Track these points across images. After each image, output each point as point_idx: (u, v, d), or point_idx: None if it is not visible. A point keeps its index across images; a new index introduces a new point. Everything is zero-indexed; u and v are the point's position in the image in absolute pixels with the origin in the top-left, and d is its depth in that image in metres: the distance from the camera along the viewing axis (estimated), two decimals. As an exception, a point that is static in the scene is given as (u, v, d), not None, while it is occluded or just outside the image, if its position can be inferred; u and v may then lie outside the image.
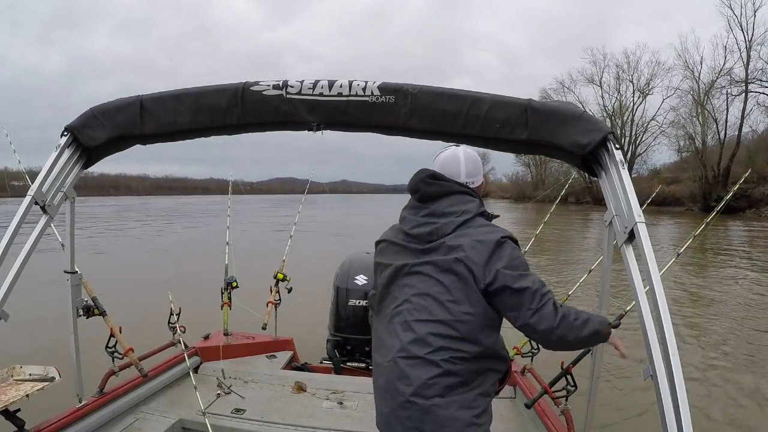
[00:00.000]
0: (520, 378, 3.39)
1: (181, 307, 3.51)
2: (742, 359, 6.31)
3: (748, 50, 38.62)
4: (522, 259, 1.69)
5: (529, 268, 1.66)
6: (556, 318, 1.57)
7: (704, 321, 8.21)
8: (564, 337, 1.60)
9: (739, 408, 4.92)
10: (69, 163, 2.39)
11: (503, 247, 1.66)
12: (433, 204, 1.79)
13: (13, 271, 2.14)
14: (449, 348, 1.60)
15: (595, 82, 53.23)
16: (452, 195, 1.79)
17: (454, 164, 1.89)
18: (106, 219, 28.15)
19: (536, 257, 13.68)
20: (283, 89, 2.23)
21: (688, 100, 44.45)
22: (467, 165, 1.89)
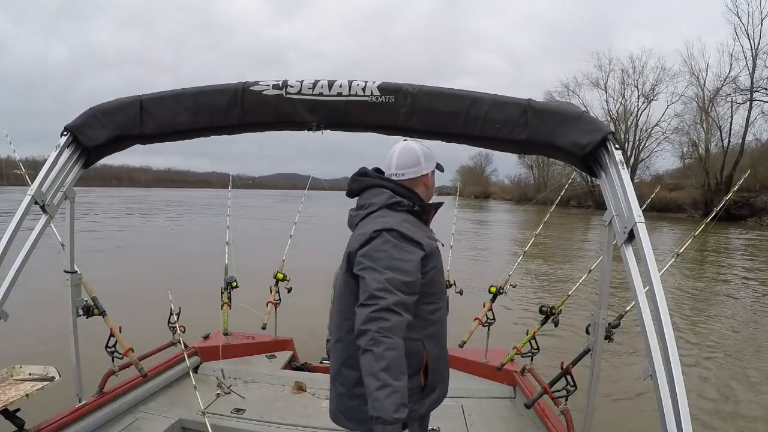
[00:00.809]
0: (520, 378, 3.38)
1: (181, 307, 3.51)
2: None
3: (754, 58, 38.50)
4: (388, 253, 1.60)
5: (396, 268, 1.58)
6: (369, 324, 1.47)
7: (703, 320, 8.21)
8: (363, 349, 1.47)
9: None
10: (69, 163, 2.40)
11: (374, 238, 1.64)
12: (358, 199, 1.89)
13: (13, 271, 2.14)
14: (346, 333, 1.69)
15: (600, 86, 53.00)
16: (368, 189, 1.86)
17: (388, 158, 1.93)
18: (126, 211, 28.04)
19: (537, 258, 13.67)
20: (283, 89, 2.23)
21: (693, 107, 44.25)
22: (399, 158, 1.89)
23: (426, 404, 1.76)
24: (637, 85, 50.77)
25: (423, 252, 1.68)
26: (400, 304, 1.51)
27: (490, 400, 3.39)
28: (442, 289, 1.88)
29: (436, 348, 1.77)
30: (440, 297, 1.83)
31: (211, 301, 4.39)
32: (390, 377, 1.41)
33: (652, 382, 1.63)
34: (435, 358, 1.75)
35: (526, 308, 7.96)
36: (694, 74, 43.44)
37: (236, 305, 4.08)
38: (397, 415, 1.38)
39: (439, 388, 1.82)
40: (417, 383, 1.69)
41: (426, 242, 1.73)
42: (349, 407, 1.74)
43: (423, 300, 1.68)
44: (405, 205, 1.78)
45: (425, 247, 1.70)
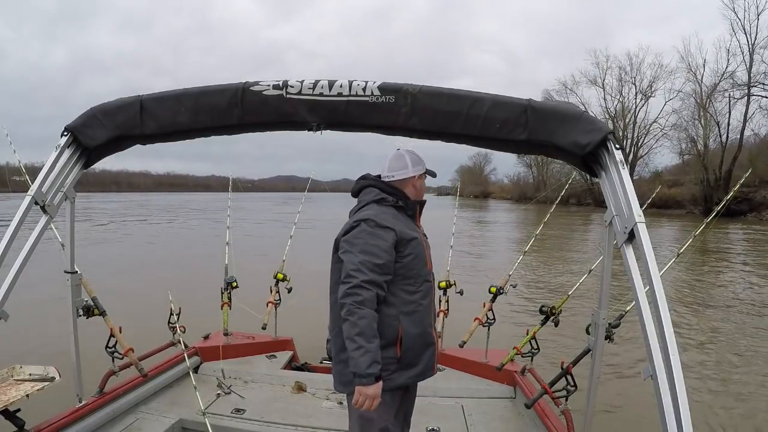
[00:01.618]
0: (520, 378, 3.38)
1: (181, 308, 3.51)
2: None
3: (751, 53, 38.50)
4: (363, 240, 1.94)
5: (369, 252, 1.91)
6: (346, 298, 1.85)
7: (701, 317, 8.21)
8: (342, 319, 1.86)
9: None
10: (69, 163, 2.40)
11: (355, 227, 1.99)
12: (358, 198, 2.21)
13: (13, 271, 2.14)
14: (333, 305, 2.05)
15: (597, 83, 53.03)
16: (364, 189, 2.18)
17: (383, 163, 2.22)
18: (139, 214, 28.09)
19: (538, 258, 13.67)
20: (283, 89, 2.23)
21: (691, 103, 44.28)
22: (390, 162, 2.19)
23: (404, 377, 2.02)
24: (634, 82, 50.90)
25: (395, 236, 1.98)
26: (370, 282, 1.87)
27: (491, 400, 3.39)
28: (422, 276, 2.08)
29: (413, 327, 2.02)
30: (419, 282, 2.06)
31: (211, 301, 4.39)
32: (363, 340, 1.80)
33: (653, 383, 1.63)
34: (412, 335, 2.01)
35: (526, 308, 7.96)
36: (692, 70, 43.54)
37: (236, 305, 4.08)
38: (369, 371, 1.79)
39: (420, 365, 2.05)
40: (393, 354, 1.97)
41: (400, 229, 2.01)
42: (336, 371, 2.09)
43: (401, 282, 2.01)
44: (389, 201, 2.09)
45: (398, 233, 1.99)
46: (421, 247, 2.09)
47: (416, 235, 2.09)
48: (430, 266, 2.16)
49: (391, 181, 2.16)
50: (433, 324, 2.16)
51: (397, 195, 2.13)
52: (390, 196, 2.11)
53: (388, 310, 1.96)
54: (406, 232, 2.03)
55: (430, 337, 2.11)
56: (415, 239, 2.06)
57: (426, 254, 2.13)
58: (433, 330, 2.15)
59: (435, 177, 2.29)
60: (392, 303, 1.98)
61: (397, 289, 2.00)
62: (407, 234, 2.03)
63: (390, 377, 1.96)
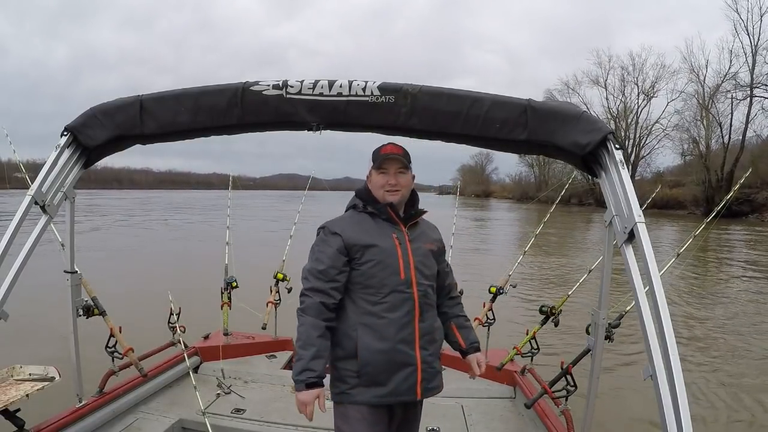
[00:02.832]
0: (520, 378, 3.38)
1: (181, 307, 3.51)
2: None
3: (754, 55, 38.50)
4: (317, 247, 1.94)
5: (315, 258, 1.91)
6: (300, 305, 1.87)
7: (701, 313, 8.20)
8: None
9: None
10: (69, 163, 2.40)
11: (317, 235, 1.99)
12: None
13: (13, 271, 2.14)
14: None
15: (599, 83, 53.02)
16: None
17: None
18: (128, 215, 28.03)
19: (538, 257, 13.66)
20: (283, 89, 2.23)
21: (693, 104, 44.23)
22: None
23: (368, 395, 1.86)
24: (637, 82, 50.87)
25: (341, 241, 1.90)
26: (312, 289, 1.85)
27: (490, 400, 3.39)
28: (389, 285, 1.89)
29: (374, 340, 1.85)
30: (383, 292, 1.88)
31: (211, 301, 4.39)
32: (300, 348, 1.81)
33: (653, 382, 1.63)
34: (371, 350, 1.85)
35: (526, 308, 7.95)
36: (694, 71, 43.60)
37: (236, 305, 4.08)
38: (298, 377, 1.79)
39: (388, 386, 1.85)
40: (352, 366, 1.87)
41: (351, 235, 1.91)
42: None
43: (360, 290, 1.90)
44: (359, 207, 2.01)
45: (346, 238, 1.90)
46: (388, 255, 1.91)
47: (379, 242, 1.91)
48: (406, 276, 1.90)
49: (367, 184, 2.06)
50: (415, 342, 1.89)
51: (367, 200, 2.02)
52: (361, 202, 2.02)
53: (345, 318, 1.89)
54: (360, 238, 1.91)
55: (403, 357, 1.87)
56: (374, 246, 1.90)
57: (399, 263, 1.91)
58: (414, 350, 1.89)
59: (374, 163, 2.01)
60: (350, 312, 1.90)
61: (357, 298, 1.90)
62: (362, 240, 1.91)
63: (350, 392, 1.88)
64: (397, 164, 1.99)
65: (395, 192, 1.99)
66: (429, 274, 1.99)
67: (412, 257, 1.94)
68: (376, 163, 2.00)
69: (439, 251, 2.12)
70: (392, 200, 1.98)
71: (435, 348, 1.96)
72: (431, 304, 1.99)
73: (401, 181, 1.99)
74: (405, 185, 2.01)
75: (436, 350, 1.97)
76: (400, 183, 1.99)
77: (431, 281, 2.00)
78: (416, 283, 1.92)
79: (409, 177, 2.03)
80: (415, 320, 1.90)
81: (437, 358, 1.98)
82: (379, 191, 2.00)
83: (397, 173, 1.99)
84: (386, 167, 1.99)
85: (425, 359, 1.91)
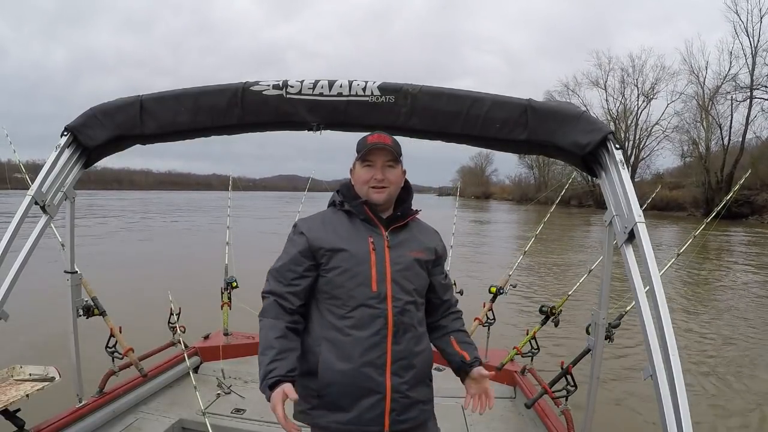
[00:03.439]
0: (520, 378, 3.38)
1: (181, 308, 3.51)
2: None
3: (754, 56, 38.54)
4: (285, 247, 1.73)
5: (279, 258, 1.72)
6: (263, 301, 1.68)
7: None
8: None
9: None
10: (69, 163, 2.40)
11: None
12: None
13: (13, 271, 2.14)
14: None
15: (599, 85, 53.12)
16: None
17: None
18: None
19: (538, 258, 13.66)
20: (283, 89, 2.23)
21: (693, 105, 44.34)
22: None
23: (329, 419, 1.63)
24: (636, 83, 50.94)
25: (305, 242, 1.67)
26: (269, 291, 1.66)
27: None
28: (357, 299, 1.63)
29: (337, 359, 1.61)
30: (349, 306, 1.63)
31: (211, 301, 4.39)
32: (260, 354, 1.57)
33: (653, 382, 1.63)
34: (334, 369, 1.61)
35: (527, 308, 7.95)
36: (694, 72, 43.66)
37: (236, 305, 4.08)
38: (261, 387, 1.57)
39: (352, 412, 1.60)
40: (312, 385, 1.63)
41: (317, 236, 1.67)
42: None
43: (326, 300, 1.67)
44: (337, 205, 1.78)
45: (311, 239, 1.67)
46: (358, 262, 1.64)
47: (349, 246, 1.66)
48: (379, 289, 1.63)
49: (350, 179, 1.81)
50: (385, 367, 1.61)
51: (347, 196, 1.77)
52: (340, 198, 1.78)
53: (310, 331, 1.67)
54: (327, 240, 1.66)
55: (368, 382, 1.60)
56: (342, 251, 1.65)
57: (371, 272, 1.63)
58: (384, 375, 1.61)
59: (358, 154, 1.75)
60: (316, 324, 1.67)
61: (324, 309, 1.66)
62: (330, 242, 1.66)
63: (310, 412, 1.66)
64: (385, 156, 1.71)
65: (381, 189, 1.71)
66: (411, 288, 1.68)
67: (389, 267, 1.65)
68: (361, 154, 1.72)
69: (434, 261, 1.78)
70: (377, 199, 1.70)
71: (413, 376, 1.66)
72: (412, 324, 1.67)
73: (389, 176, 1.71)
74: (394, 181, 1.73)
75: (415, 378, 1.66)
76: (388, 178, 1.71)
77: (414, 297, 1.69)
78: (392, 297, 1.63)
79: (398, 172, 1.75)
80: (387, 341, 1.62)
81: (417, 386, 1.68)
82: (362, 187, 1.72)
83: (385, 166, 1.71)
84: (372, 159, 1.71)
85: (397, 387, 1.62)
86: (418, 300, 1.72)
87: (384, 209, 1.75)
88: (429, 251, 1.77)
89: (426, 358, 1.73)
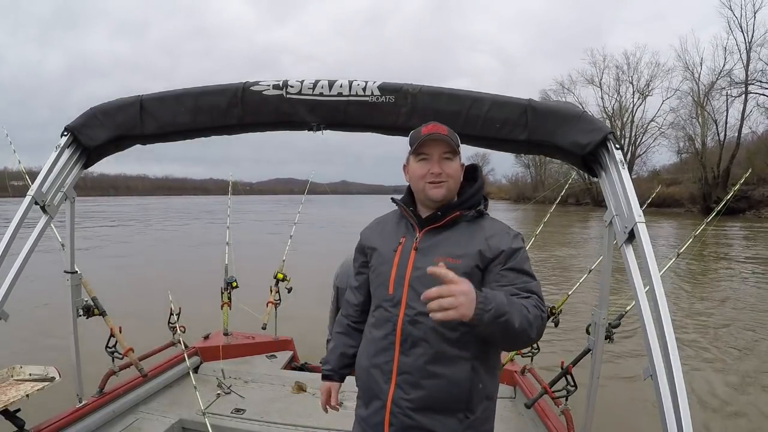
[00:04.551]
0: (520, 378, 3.38)
1: (181, 308, 3.51)
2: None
3: (748, 51, 38.56)
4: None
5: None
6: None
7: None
8: None
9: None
10: (69, 163, 2.39)
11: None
12: None
13: (13, 271, 2.14)
14: None
15: (594, 83, 53.34)
16: None
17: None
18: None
19: (538, 258, 13.66)
20: (284, 89, 2.23)
21: (688, 102, 44.44)
22: None
23: (358, 411, 1.66)
24: (631, 81, 51.17)
25: (360, 240, 1.76)
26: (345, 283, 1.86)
27: None
28: (378, 298, 1.62)
29: (362, 355, 1.66)
30: (374, 304, 1.65)
31: (211, 301, 4.39)
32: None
33: (653, 382, 1.64)
34: (360, 364, 1.66)
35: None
36: (689, 69, 43.77)
37: (236, 305, 4.08)
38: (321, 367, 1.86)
39: (368, 410, 1.59)
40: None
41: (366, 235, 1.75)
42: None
43: (371, 296, 1.73)
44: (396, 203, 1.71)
45: (363, 238, 1.75)
46: (382, 262, 1.61)
47: (381, 245, 1.64)
48: (394, 291, 1.55)
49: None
50: (391, 374, 1.53)
51: (405, 196, 1.69)
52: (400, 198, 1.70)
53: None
54: (371, 239, 1.71)
55: (374, 385, 1.57)
56: (375, 250, 1.65)
57: (391, 274, 1.57)
58: (388, 383, 1.53)
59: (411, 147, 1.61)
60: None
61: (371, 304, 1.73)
62: (371, 241, 1.70)
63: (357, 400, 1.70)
64: (443, 147, 1.57)
65: (439, 184, 1.56)
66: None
67: (410, 270, 1.54)
68: (415, 147, 1.58)
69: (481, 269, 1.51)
70: (436, 195, 1.56)
71: (421, 398, 1.49)
72: (424, 339, 1.49)
73: (447, 170, 1.57)
74: (452, 175, 1.58)
75: (424, 402, 1.49)
76: (446, 172, 1.57)
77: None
78: (405, 304, 1.52)
79: (457, 164, 1.61)
80: (394, 349, 1.54)
81: (429, 412, 1.49)
82: (419, 183, 1.59)
83: (442, 159, 1.57)
84: (427, 152, 1.57)
85: (398, 402, 1.51)
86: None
87: (432, 206, 1.60)
88: (468, 257, 1.51)
89: (448, 386, 1.49)
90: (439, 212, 1.58)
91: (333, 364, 1.81)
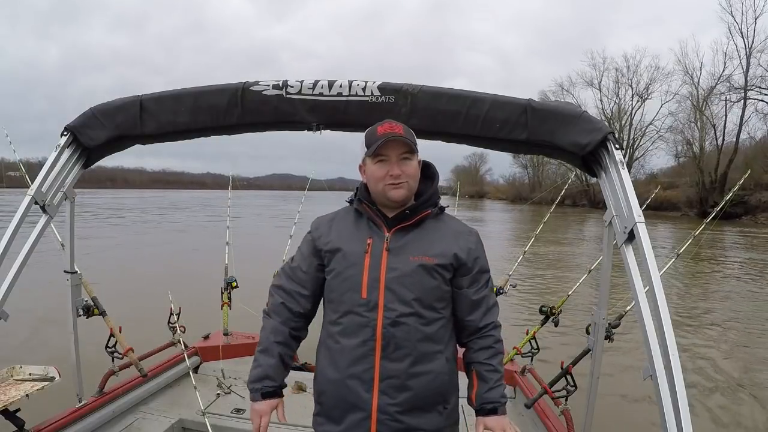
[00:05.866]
0: (520, 378, 3.39)
1: (181, 307, 3.51)
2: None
3: (748, 57, 38.65)
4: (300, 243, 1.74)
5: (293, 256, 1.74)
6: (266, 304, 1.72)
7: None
8: None
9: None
10: (69, 163, 2.39)
11: None
12: None
13: (13, 271, 2.13)
14: None
15: (594, 85, 53.44)
16: None
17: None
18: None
19: (538, 258, 13.69)
20: (283, 89, 2.23)
21: (687, 106, 44.50)
22: None
23: (325, 429, 1.62)
24: (631, 84, 51.20)
25: (311, 240, 1.65)
26: (278, 287, 1.66)
27: None
28: (347, 304, 1.54)
29: (329, 367, 1.57)
30: (339, 311, 1.55)
31: (211, 301, 4.38)
32: (259, 352, 1.64)
33: (652, 383, 1.64)
34: (325, 377, 1.59)
35: (526, 308, 7.96)
36: (688, 73, 43.83)
37: (236, 305, 4.08)
38: (252, 385, 1.65)
39: (341, 425, 1.54)
40: (316, 391, 1.68)
41: (321, 235, 1.63)
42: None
43: (327, 304, 1.63)
44: (351, 203, 1.69)
45: (316, 238, 1.63)
46: (350, 264, 1.54)
47: (346, 246, 1.57)
48: (369, 295, 1.50)
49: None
50: (372, 383, 1.49)
51: (362, 194, 1.64)
52: (355, 196, 1.66)
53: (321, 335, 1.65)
54: (329, 240, 1.60)
55: (353, 396, 1.50)
56: (338, 251, 1.57)
57: (363, 277, 1.51)
58: (371, 392, 1.49)
59: (367, 149, 1.57)
60: (322, 327, 1.64)
61: (326, 312, 1.63)
62: (330, 242, 1.59)
63: (315, 418, 1.68)
64: (401, 148, 1.54)
65: (399, 186, 1.54)
66: (410, 299, 1.50)
67: (384, 272, 1.51)
68: (372, 149, 1.53)
69: (454, 268, 1.57)
70: (397, 196, 1.54)
71: (407, 399, 1.49)
72: (409, 340, 1.49)
73: (406, 170, 1.54)
74: (412, 175, 1.56)
75: (410, 402, 1.49)
76: (406, 172, 1.54)
77: (416, 308, 1.50)
78: (383, 307, 1.49)
79: (415, 163, 1.58)
80: (374, 355, 1.49)
81: (415, 411, 1.50)
82: (378, 185, 1.56)
83: (400, 160, 1.54)
84: (385, 153, 1.54)
85: (384, 408, 1.48)
86: (424, 312, 1.51)
87: (394, 207, 1.58)
88: (444, 256, 1.55)
89: (431, 382, 1.52)
90: (407, 211, 1.57)
91: (277, 378, 1.66)
